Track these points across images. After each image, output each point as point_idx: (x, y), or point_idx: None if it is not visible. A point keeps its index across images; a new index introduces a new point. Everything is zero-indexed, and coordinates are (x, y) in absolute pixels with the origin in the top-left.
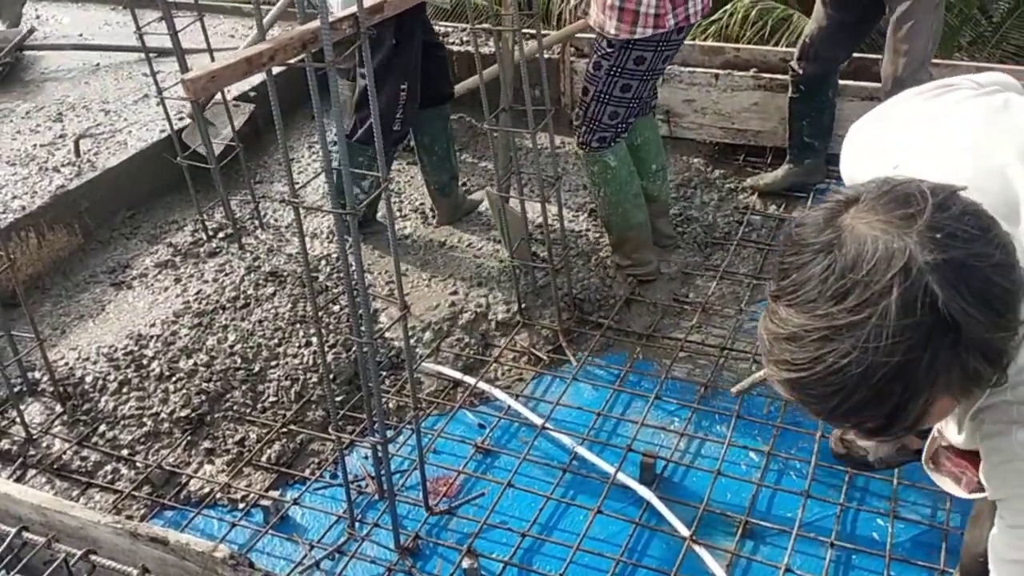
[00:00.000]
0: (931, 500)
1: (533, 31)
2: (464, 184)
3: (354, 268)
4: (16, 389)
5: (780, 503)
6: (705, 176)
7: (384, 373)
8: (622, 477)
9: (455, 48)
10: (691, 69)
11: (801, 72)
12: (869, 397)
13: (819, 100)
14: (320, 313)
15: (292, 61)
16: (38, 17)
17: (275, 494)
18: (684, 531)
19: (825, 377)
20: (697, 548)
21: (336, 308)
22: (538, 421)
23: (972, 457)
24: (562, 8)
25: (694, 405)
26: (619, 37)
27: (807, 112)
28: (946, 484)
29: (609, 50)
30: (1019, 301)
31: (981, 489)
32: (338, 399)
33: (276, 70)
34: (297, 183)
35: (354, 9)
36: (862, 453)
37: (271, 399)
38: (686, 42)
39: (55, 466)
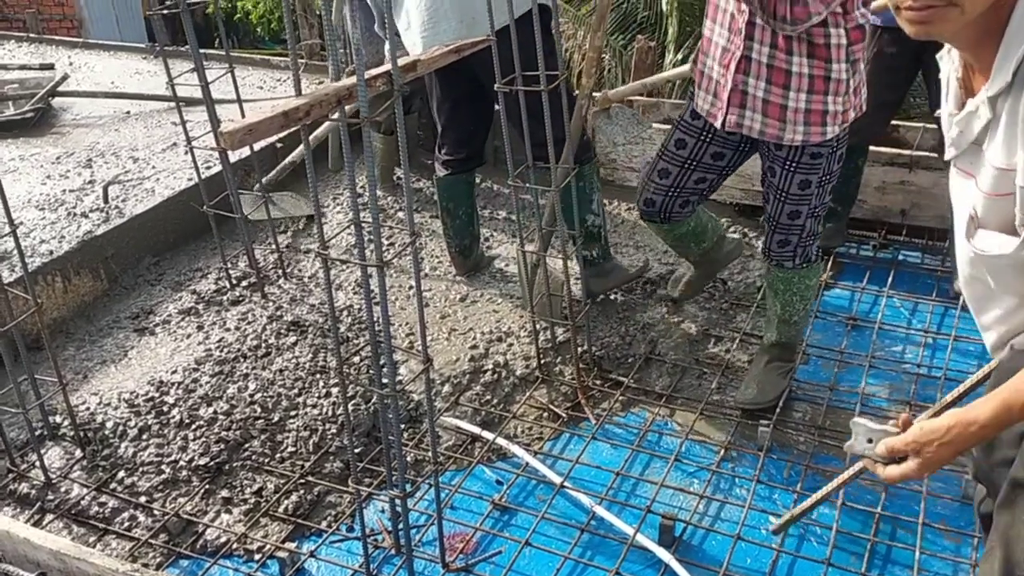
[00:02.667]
0: (952, 570)
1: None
2: (486, 240)
3: (379, 319)
4: (37, 433)
5: (800, 570)
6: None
7: (402, 426)
8: (641, 539)
9: None
10: None
11: None
12: None
13: (849, 168)
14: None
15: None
16: (71, 64)
17: (291, 546)
18: None
19: None
20: None
21: (356, 359)
22: (557, 479)
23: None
24: (582, 66)
25: (714, 468)
26: (842, 129)
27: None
28: (990, 245)
29: (815, 163)
30: None
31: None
32: (356, 451)
33: None
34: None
35: (388, 68)
36: None
37: (289, 449)
38: None
39: (73, 511)
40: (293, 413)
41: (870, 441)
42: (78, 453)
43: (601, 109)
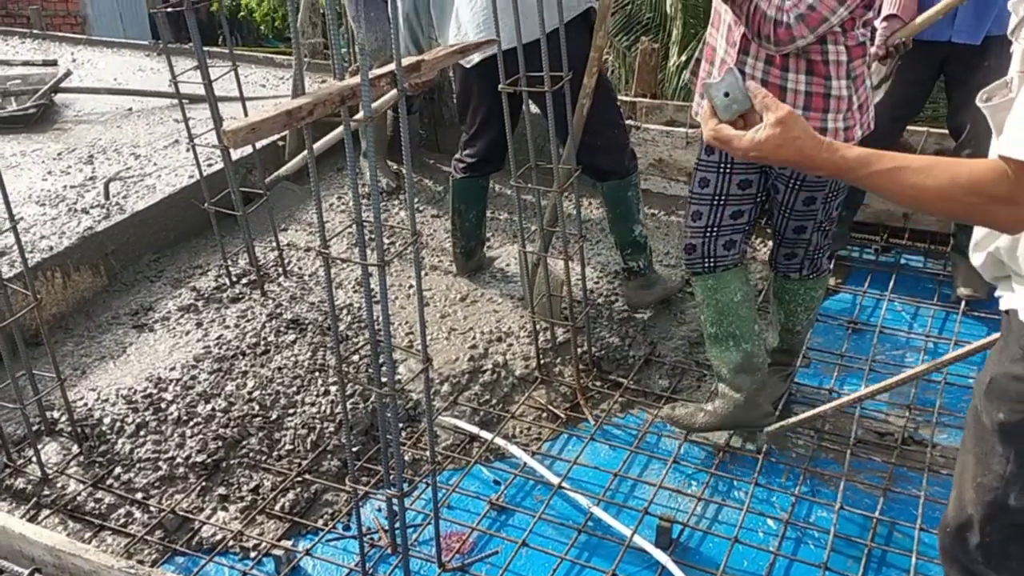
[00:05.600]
0: None
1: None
2: (487, 240)
3: (379, 318)
4: (34, 428)
5: (797, 574)
6: None
7: (401, 425)
8: (638, 540)
9: None
10: None
11: None
12: None
13: None
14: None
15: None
16: (74, 60)
17: (287, 544)
18: None
19: None
20: None
21: (355, 358)
22: (554, 480)
23: None
24: None
25: (712, 470)
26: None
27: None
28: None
29: (820, 180)
30: None
31: None
32: (354, 449)
33: None
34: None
35: (391, 68)
36: None
37: (287, 447)
38: None
39: (69, 507)
40: (291, 411)
41: (727, 95)
42: (75, 449)
43: None
